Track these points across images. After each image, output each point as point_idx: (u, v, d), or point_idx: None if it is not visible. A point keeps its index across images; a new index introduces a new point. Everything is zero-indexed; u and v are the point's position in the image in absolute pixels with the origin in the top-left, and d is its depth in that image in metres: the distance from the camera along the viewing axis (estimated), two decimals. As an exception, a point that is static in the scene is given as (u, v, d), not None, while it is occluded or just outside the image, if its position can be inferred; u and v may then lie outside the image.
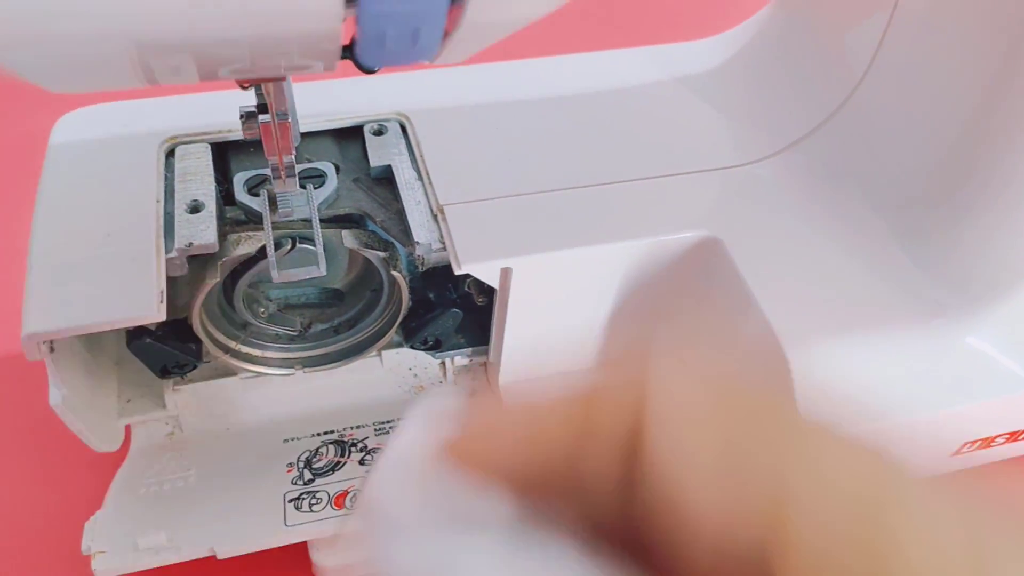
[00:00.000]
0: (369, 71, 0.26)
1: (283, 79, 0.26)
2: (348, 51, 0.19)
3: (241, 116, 0.29)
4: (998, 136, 0.29)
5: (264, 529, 0.31)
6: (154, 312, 0.28)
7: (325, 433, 0.35)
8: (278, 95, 0.27)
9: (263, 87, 0.27)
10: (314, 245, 0.31)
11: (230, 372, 0.36)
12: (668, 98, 0.37)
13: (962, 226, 0.30)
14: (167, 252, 0.30)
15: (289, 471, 0.33)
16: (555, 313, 0.34)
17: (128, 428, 0.35)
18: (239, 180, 0.32)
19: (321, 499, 0.32)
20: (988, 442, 0.34)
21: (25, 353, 0.28)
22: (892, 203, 0.32)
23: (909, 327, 0.30)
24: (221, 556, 0.30)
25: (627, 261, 0.32)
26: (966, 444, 0.33)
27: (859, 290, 0.31)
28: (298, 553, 0.32)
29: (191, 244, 0.30)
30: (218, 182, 0.33)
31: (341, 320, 0.37)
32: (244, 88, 0.27)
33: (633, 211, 0.33)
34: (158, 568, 0.30)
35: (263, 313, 0.35)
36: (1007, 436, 0.34)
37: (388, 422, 0.36)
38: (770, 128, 0.35)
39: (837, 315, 0.31)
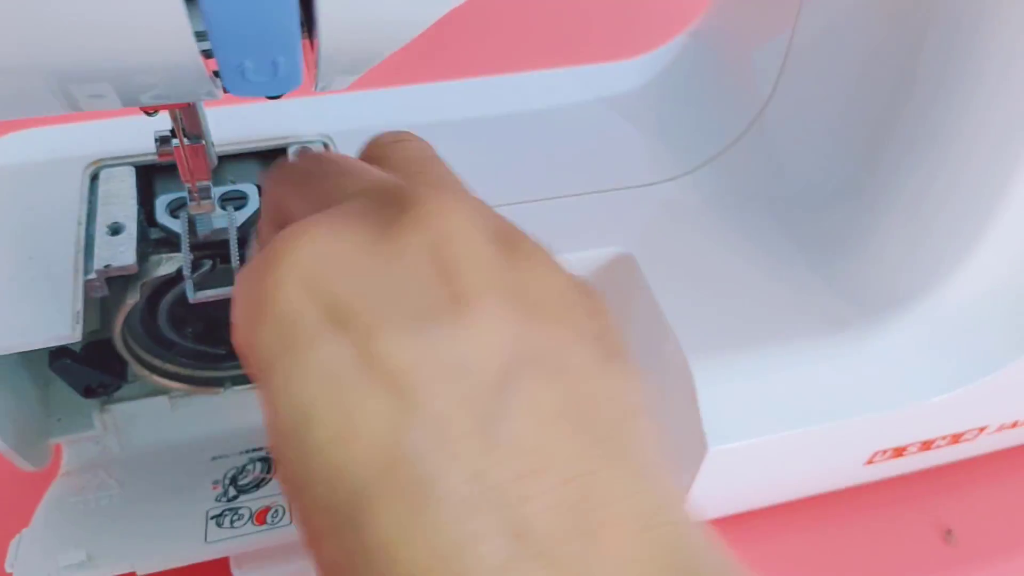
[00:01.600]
0: (272, 97, 0.27)
1: (188, 105, 0.27)
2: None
3: (156, 140, 0.30)
4: (891, 157, 0.31)
5: (185, 546, 0.31)
6: (70, 333, 0.29)
7: (254, 450, 0.36)
8: (189, 119, 0.28)
9: (171, 112, 0.28)
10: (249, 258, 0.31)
11: (159, 391, 0.36)
12: (590, 118, 0.38)
13: (861, 240, 0.31)
14: (86, 274, 0.30)
15: (215, 488, 0.34)
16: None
17: (59, 446, 0.35)
18: (161, 203, 0.33)
19: (243, 515, 0.33)
20: (900, 451, 0.35)
21: (-57, 374, 0.29)
22: (796, 219, 0.33)
23: (815, 339, 0.31)
24: (141, 573, 0.31)
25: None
26: (878, 453, 0.34)
27: (766, 304, 0.32)
28: (220, 570, 0.33)
29: (109, 265, 0.30)
30: (142, 204, 0.33)
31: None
32: (148, 115, 0.27)
33: (556, 227, 0.33)
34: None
35: (190, 333, 0.36)
36: (919, 445, 0.35)
37: (316, 438, 0.36)
38: (684, 147, 0.36)
39: (744, 329, 0.32)
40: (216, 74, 0.19)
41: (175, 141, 0.29)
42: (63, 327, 0.29)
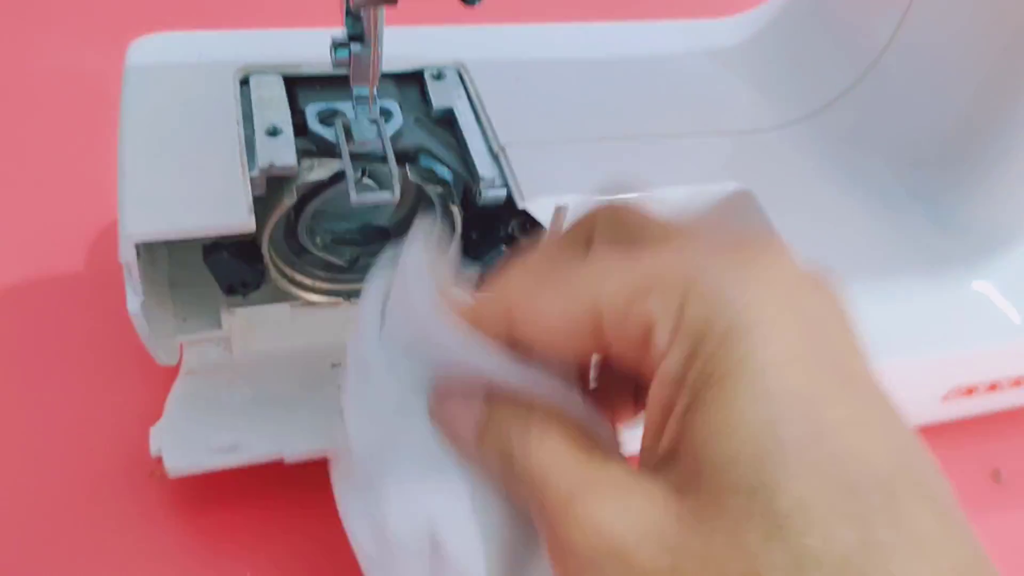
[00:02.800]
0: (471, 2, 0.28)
1: (394, 3, 0.28)
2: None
3: (333, 45, 0.31)
4: (1001, 108, 0.34)
5: (329, 437, 0.33)
6: (246, 222, 0.30)
7: (371, 360, 0.37)
8: (379, 23, 0.29)
9: (368, 14, 0.29)
10: (386, 172, 0.33)
11: (280, 298, 0.38)
12: (702, 67, 0.41)
13: (970, 184, 0.34)
14: (250, 170, 0.32)
15: (342, 390, 0.35)
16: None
17: (181, 348, 0.36)
18: (311, 112, 0.34)
19: (378, 414, 0.34)
20: (971, 391, 0.38)
21: (120, 254, 0.29)
22: (907, 164, 0.36)
23: (919, 273, 0.34)
24: (289, 460, 0.32)
25: (671, 206, 0.35)
26: (952, 391, 0.37)
27: (874, 240, 0.35)
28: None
29: (272, 165, 0.32)
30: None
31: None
32: (354, 14, 0.29)
33: (676, 163, 0.36)
34: (220, 473, 0.32)
35: (318, 242, 0.37)
36: (988, 385, 0.38)
37: (430, 352, 0.38)
38: (796, 97, 0.39)
39: (853, 261, 0.35)
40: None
41: (355, 46, 0.30)
42: (240, 217, 0.30)
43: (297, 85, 0.36)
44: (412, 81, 0.38)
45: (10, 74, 0.52)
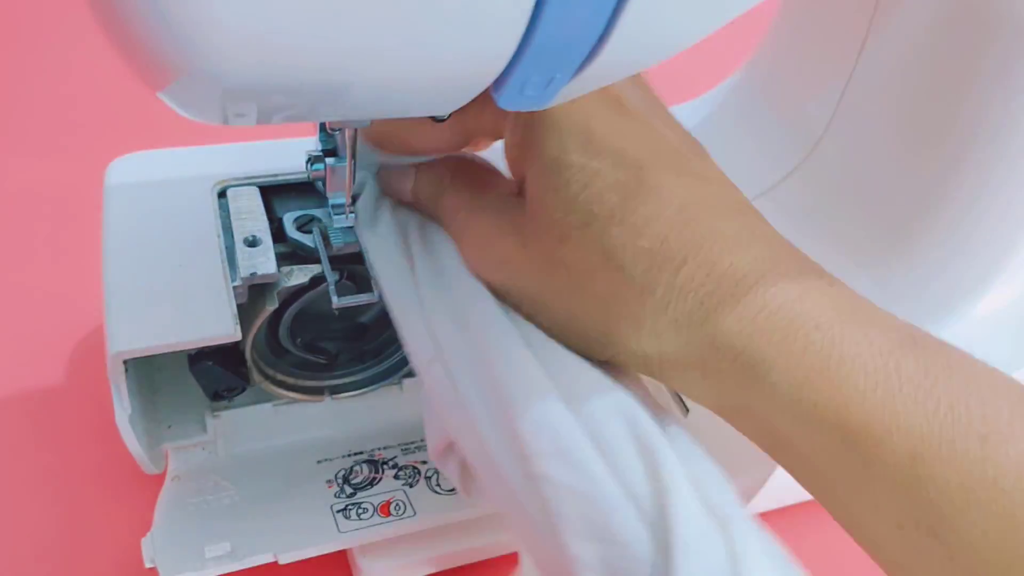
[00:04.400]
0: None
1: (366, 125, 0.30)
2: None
3: (309, 160, 0.33)
4: (932, 184, 0.36)
5: (321, 535, 0.33)
6: (232, 332, 0.31)
7: (356, 454, 0.38)
8: (354, 141, 0.31)
9: (343, 133, 0.31)
10: (361, 276, 0.34)
11: (264, 399, 0.38)
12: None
13: (910, 256, 0.36)
14: (232, 281, 0.33)
15: (330, 487, 0.36)
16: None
17: (166, 453, 0.37)
18: (288, 219, 0.36)
19: (367, 509, 0.35)
20: None
21: (108, 371, 0.30)
22: (853, 238, 0.38)
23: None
24: (283, 562, 0.33)
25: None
26: None
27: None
28: (338, 561, 0.35)
29: (254, 273, 0.33)
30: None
31: (365, 350, 0.40)
32: (330, 132, 0.31)
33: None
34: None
35: (299, 343, 0.38)
36: None
37: (412, 443, 0.39)
38: (743, 180, 0.41)
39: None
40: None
41: (329, 160, 0.32)
42: (226, 327, 0.31)
43: (272, 194, 0.38)
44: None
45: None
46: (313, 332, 0.39)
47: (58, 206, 0.52)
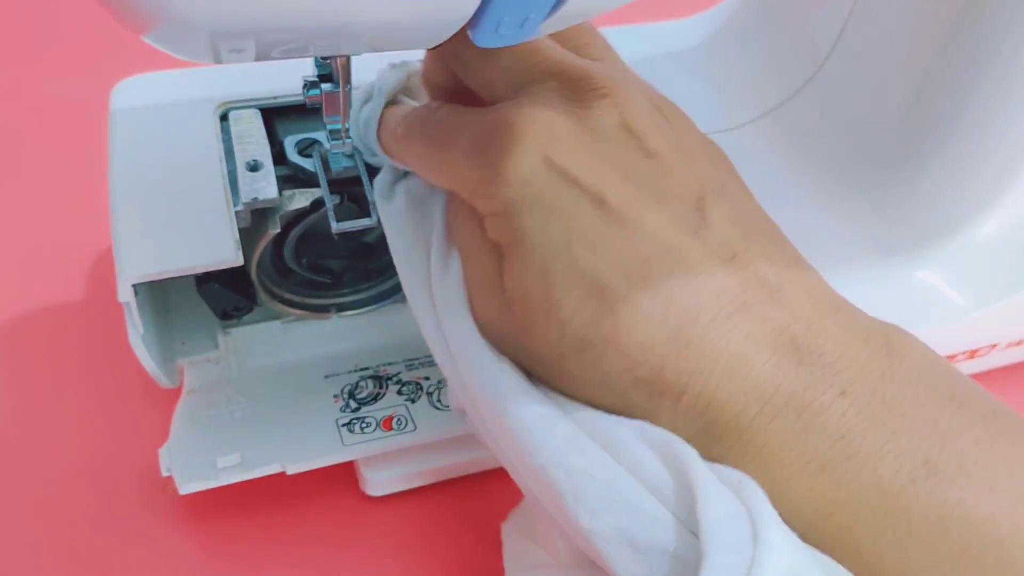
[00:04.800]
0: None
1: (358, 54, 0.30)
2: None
3: (304, 85, 0.33)
4: (936, 109, 0.36)
5: (326, 448, 0.35)
6: (233, 258, 0.32)
7: (361, 369, 0.40)
8: (346, 68, 0.31)
9: (335, 61, 0.31)
10: (363, 199, 0.35)
11: (273, 316, 0.40)
12: (660, 71, 0.42)
13: (909, 180, 0.36)
14: (235, 206, 0.34)
15: (336, 401, 0.38)
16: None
17: (181, 368, 0.39)
18: (290, 143, 0.36)
19: (370, 423, 0.37)
20: None
21: (119, 295, 0.32)
22: (855, 161, 0.38)
23: (870, 264, 0.36)
24: (290, 472, 0.35)
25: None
26: None
27: (828, 234, 0.37)
28: (346, 472, 0.37)
29: (256, 199, 0.34)
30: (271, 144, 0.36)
31: (370, 269, 0.41)
32: (325, 61, 0.31)
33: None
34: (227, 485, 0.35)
35: (304, 263, 0.39)
36: (946, 358, 0.41)
37: (416, 359, 0.40)
38: (749, 98, 0.41)
39: (809, 256, 0.37)
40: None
41: (325, 86, 0.32)
42: (228, 253, 0.32)
43: (275, 116, 0.38)
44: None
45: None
46: (318, 252, 0.40)
47: (69, 116, 0.53)
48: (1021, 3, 0.32)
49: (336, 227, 0.34)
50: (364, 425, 0.37)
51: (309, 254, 0.39)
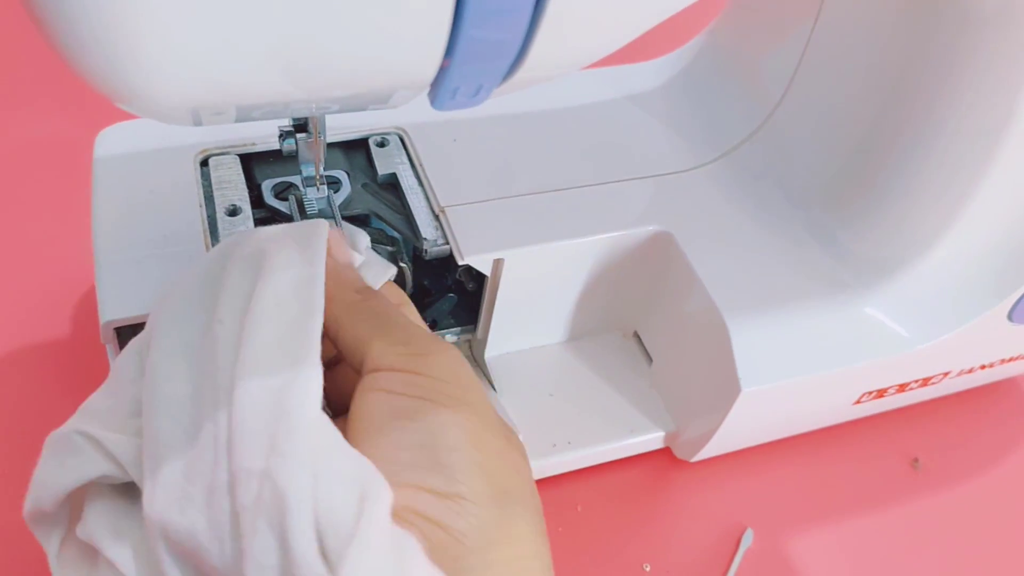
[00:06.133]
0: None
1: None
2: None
3: (280, 135, 0.34)
4: (884, 151, 0.37)
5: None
6: (213, 301, 0.33)
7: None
8: (320, 120, 0.33)
9: (312, 117, 0.32)
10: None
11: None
12: (622, 114, 0.44)
13: (859, 220, 0.38)
14: (214, 250, 0.35)
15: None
16: (535, 296, 0.40)
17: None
18: (267, 186, 0.38)
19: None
20: (881, 393, 0.42)
21: (101, 336, 0.33)
22: (805, 202, 0.40)
23: (819, 300, 0.38)
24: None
25: (597, 252, 0.39)
26: (864, 395, 0.42)
27: (780, 272, 0.39)
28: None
29: (234, 243, 0.35)
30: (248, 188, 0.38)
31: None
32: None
33: (600, 210, 0.39)
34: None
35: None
36: (896, 387, 0.42)
37: (391, 392, 0.42)
38: (707, 140, 0.42)
39: (763, 293, 0.38)
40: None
41: (300, 136, 0.34)
42: (207, 296, 0.33)
43: (254, 160, 0.40)
44: (359, 148, 0.41)
45: (-15, 143, 0.55)
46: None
47: (57, 161, 0.55)
48: (962, 43, 0.33)
49: (311, 269, 0.35)
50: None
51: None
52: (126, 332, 0.36)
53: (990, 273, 0.39)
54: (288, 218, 0.37)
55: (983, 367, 0.45)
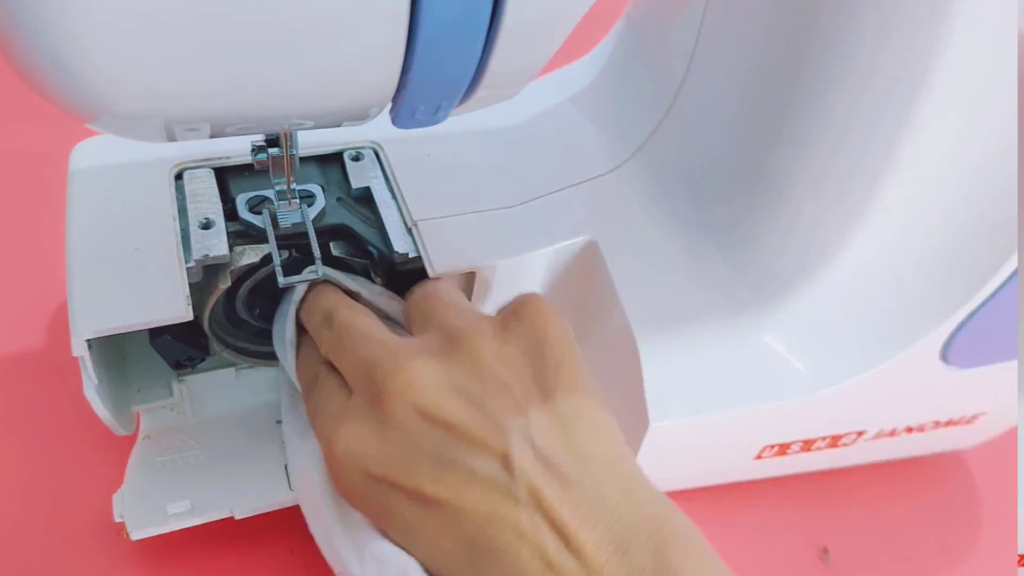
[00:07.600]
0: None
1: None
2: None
3: (252, 150, 0.35)
4: (773, 136, 0.35)
5: (273, 492, 0.37)
6: (183, 313, 0.34)
7: (312, 414, 0.41)
8: (292, 136, 0.33)
9: (283, 132, 0.33)
10: (311, 254, 0.37)
11: (228, 363, 0.42)
12: (566, 115, 0.44)
13: (752, 218, 0.36)
14: (187, 262, 0.35)
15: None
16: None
17: (137, 415, 0.40)
18: (241, 200, 0.38)
19: (317, 467, 0.38)
20: (784, 449, 0.39)
21: (73, 350, 0.33)
22: (706, 200, 0.38)
23: (719, 323, 0.36)
24: (239, 517, 0.36)
25: (555, 263, 0.39)
26: (766, 448, 0.39)
27: (687, 285, 0.38)
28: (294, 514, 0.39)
29: (207, 255, 0.35)
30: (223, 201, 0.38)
31: (322, 318, 0.43)
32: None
33: (547, 223, 0.39)
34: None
35: (257, 314, 0.41)
36: (801, 444, 0.39)
37: (365, 404, 0.42)
38: (624, 136, 0.41)
39: (672, 310, 0.37)
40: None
41: (272, 150, 0.34)
42: (178, 308, 0.34)
43: (228, 174, 0.40)
44: (334, 162, 0.42)
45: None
46: (269, 303, 0.41)
47: (34, 173, 0.55)
48: (858, 25, 0.31)
49: (283, 281, 0.36)
50: (311, 470, 0.38)
51: (261, 305, 0.41)
52: (98, 342, 0.36)
53: (915, 295, 0.34)
54: (262, 232, 0.37)
55: (910, 430, 0.39)
